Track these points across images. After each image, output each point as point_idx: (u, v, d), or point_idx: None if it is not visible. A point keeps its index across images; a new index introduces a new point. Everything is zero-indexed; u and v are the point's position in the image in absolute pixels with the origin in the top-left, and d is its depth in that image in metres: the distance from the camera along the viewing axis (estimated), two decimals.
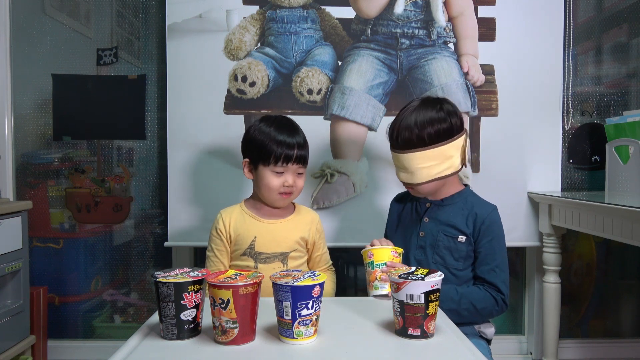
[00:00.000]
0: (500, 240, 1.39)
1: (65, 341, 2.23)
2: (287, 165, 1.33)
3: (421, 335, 0.93)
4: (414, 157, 1.33)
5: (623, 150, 1.92)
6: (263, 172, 1.34)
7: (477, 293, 1.33)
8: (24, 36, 2.15)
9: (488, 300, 1.32)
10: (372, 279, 1.21)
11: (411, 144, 1.33)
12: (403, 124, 1.34)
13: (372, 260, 1.22)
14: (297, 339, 0.91)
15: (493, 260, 1.35)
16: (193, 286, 0.92)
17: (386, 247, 1.24)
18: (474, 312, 1.31)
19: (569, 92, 2.13)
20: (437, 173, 1.34)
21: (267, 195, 1.36)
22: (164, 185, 2.08)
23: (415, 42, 2.00)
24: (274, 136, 1.32)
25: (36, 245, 2.20)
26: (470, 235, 1.37)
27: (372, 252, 1.22)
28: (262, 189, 1.36)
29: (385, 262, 1.21)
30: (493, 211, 1.40)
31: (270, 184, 1.34)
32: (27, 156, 2.19)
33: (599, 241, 2.27)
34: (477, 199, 1.45)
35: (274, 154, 1.32)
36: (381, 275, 1.19)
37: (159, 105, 2.16)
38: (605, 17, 2.21)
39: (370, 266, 1.22)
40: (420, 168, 1.33)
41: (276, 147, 1.32)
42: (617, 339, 2.30)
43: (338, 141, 1.99)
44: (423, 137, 1.32)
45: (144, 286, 2.27)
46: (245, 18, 2.00)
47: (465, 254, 1.38)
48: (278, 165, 1.32)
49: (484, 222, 1.37)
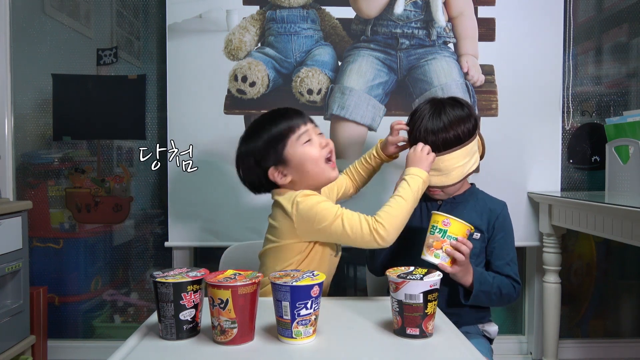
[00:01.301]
0: (511, 234, 1.44)
1: (65, 341, 2.23)
2: (309, 125, 1.23)
3: (420, 335, 0.93)
4: (452, 157, 1.34)
5: (623, 150, 1.91)
6: (297, 152, 1.20)
7: (503, 280, 1.37)
8: (24, 36, 2.16)
9: (510, 288, 1.37)
10: (436, 246, 1.20)
11: (449, 144, 1.34)
12: (434, 127, 1.34)
13: (446, 229, 1.20)
14: (296, 339, 0.91)
15: (507, 254, 1.40)
16: (192, 286, 0.92)
17: (464, 223, 1.21)
18: (499, 297, 1.35)
19: (569, 92, 2.12)
20: (467, 170, 1.37)
21: (317, 169, 1.22)
22: (164, 185, 2.08)
23: (415, 42, 2.00)
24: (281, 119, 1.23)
25: (36, 245, 2.20)
26: (485, 231, 1.40)
27: (451, 222, 1.20)
28: (309, 167, 1.21)
29: (457, 236, 1.20)
30: (505, 207, 1.46)
31: (313, 154, 1.20)
32: (27, 156, 2.20)
33: (599, 241, 2.27)
34: (486, 195, 1.49)
35: (291, 128, 1.21)
36: (446, 248, 1.19)
37: (159, 105, 2.16)
38: (605, 17, 2.21)
39: (441, 233, 1.20)
40: (456, 167, 1.34)
41: (286, 122, 1.22)
42: (617, 339, 2.30)
43: (338, 141, 1.99)
44: (459, 135, 1.34)
45: (144, 286, 2.28)
46: (245, 18, 2.00)
47: (479, 251, 1.40)
48: (303, 126, 1.22)
49: (498, 217, 1.42)
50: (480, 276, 1.31)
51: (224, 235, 2.01)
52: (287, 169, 1.22)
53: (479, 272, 1.32)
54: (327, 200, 1.18)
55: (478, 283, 1.30)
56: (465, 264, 1.24)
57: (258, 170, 1.24)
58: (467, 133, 1.35)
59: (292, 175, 1.22)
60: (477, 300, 1.33)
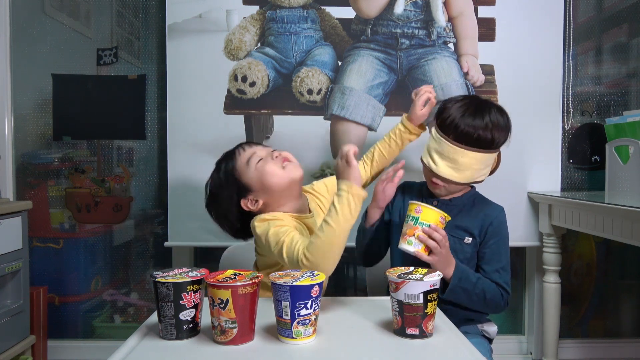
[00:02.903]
0: (506, 241, 1.39)
1: (65, 341, 2.23)
2: (254, 147, 1.30)
3: (420, 335, 0.93)
4: (474, 157, 1.30)
5: (623, 150, 1.92)
6: (252, 174, 1.25)
7: (490, 284, 1.33)
8: (24, 36, 2.16)
9: (496, 294, 1.33)
10: (409, 233, 1.19)
11: (481, 143, 1.29)
12: (474, 121, 1.29)
13: (418, 216, 1.19)
14: (296, 339, 0.91)
15: (499, 261, 1.35)
16: (192, 286, 0.92)
17: (436, 210, 1.20)
18: (482, 300, 1.31)
19: (569, 92, 2.13)
20: (477, 177, 1.34)
21: (277, 179, 1.24)
22: (164, 185, 2.08)
23: (415, 42, 2.00)
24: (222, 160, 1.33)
25: (36, 245, 2.20)
26: (477, 237, 1.36)
27: (422, 209, 1.19)
28: (269, 180, 1.24)
29: (430, 223, 1.18)
30: (501, 212, 1.41)
31: (266, 167, 1.24)
32: (27, 156, 2.20)
33: (599, 241, 2.27)
34: (484, 200, 1.45)
35: (232, 154, 1.30)
36: (419, 235, 1.18)
37: (159, 105, 2.16)
38: (605, 17, 2.21)
39: (413, 221, 1.19)
40: (471, 168, 1.31)
41: (233, 150, 1.32)
42: (617, 339, 2.30)
43: (338, 141, 1.99)
44: (493, 139, 1.31)
45: (144, 286, 2.28)
46: (245, 18, 2.00)
47: (470, 255, 1.37)
48: (243, 151, 1.29)
49: (492, 222, 1.37)
50: (462, 272, 1.27)
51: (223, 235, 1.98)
52: (253, 193, 1.26)
53: (462, 268, 1.28)
54: (278, 225, 1.17)
55: (457, 278, 1.25)
56: (444, 254, 1.20)
57: (232, 212, 1.29)
58: (499, 143, 1.33)
59: (262, 198, 1.26)
60: (455, 295, 1.27)
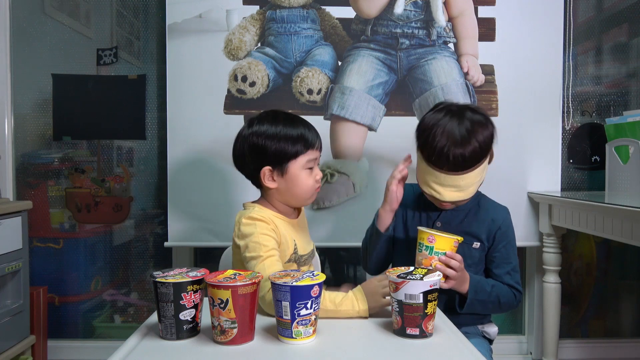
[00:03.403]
0: (514, 243, 1.40)
1: (65, 341, 2.23)
2: (318, 153, 1.25)
3: (420, 335, 0.93)
4: (474, 174, 1.25)
5: (623, 150, 1.91)
6: (296, 174, 1.21)
7: (503, 288, 1.34)
8: (24, 36, 2.16)
9: (510, 296, 1.34)
10: (426, 263, 1.18)
11: (475, 161, 1.24)
12: (462, 146, 1.22)
13: (432, 245, 1.17)
14: (296, 339, 0.91)
15: (509, 263, 1.36)
16: (192, 286, 0.92)
17: (450, 237, 1.18)
18: (497, 305, 1.33)
19: (569, 92, 2.13)
20: (480, 180, 1.30)
21: (303, 195, 1.24)
22: (164, 185, 2.08)
23: (415, 42, 2.00)
24: (293, 129, 1.21)
25: (36, 245, 2.20)
26: (485, 241, 1.36)
27: (435, 238, 1.17)
28: (296, 191, 1.23)
29: (445, 251, 1.17)
30: (507, 214, 1.40)
31: (308, 184, 1.22)
32: (27, 156, 2.20)
33: (599, 241, 2.27)
34: (489, 202, 1.43)
35: (307, 142, 1.21)
36: (436, 265, 1.17)
37: (159, 105, 2.16)
38: (605, 17, 2.21)
39: (428, 250, 1.18)
40: (475, 183, 1.28)
41: (306, 132, 1.22)
42: (617, 339, 2.30)
43: (338, 141, 1.99)
44: (483, 150, 1.25)
45: (144, 286, 2.28)
46: (245, 18, 2.00)
47: (478, 260, 1.36)
48: (312, 151, 1.22)
49: (501, 227, 1.36)
50: (477, 285, 1.27)
51: (223, 235, 2.00)
52: (280, 177, 1.22)
53: (476, 280, 1.28)
54: (262, 235, 1.16)
55: (473, 292, 1.26)
56: (460, 276, 1.20)
57: (254, 159, 1.23)
58: (489, 147, 1.28)
59: (280, 185, 1.23)
60: (472, 308, 1.29)
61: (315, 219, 1.99)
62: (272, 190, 1.24)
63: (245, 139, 1.24)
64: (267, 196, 1.27)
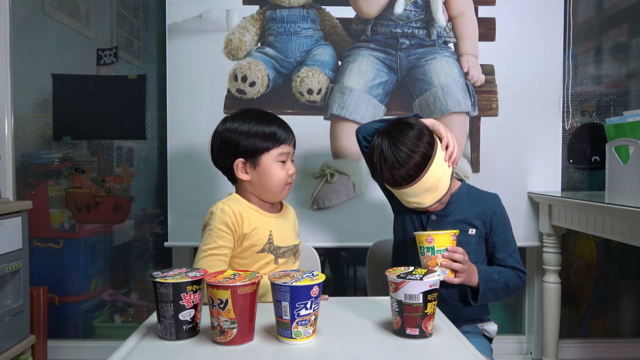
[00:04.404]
0: (509, 226, 1.44)
1: (65, 341, 2.23)
2: (291, 148, 1.30)
3: (420, 335, 0.93)
4: (430, 174, 1.28)
5: (623, 150, 1.91)
6: (268, 166, 1.27)
7: (508, 273, 1.38)
8: (24, 36, 2.16)
9: (516, 279, 1.38)
10: (431, 264, 1.20)
11: (422, 165, 1.27)
12: (398, 167, 1.27)
13: (432, 245, 1.20)
14: (296, 339, 0.90)
15: (509, 245, 1.41)
16: (191, 286, 0.92)
17: (446, 233, 1.21)
18: (506, 290, 1.36)
19: (569, 92, 2.13)
20: (448, 174, 1.32)
21: (274, 188, 1.29)
22: (164, 185, 2.08)
23: (415, 42, 2.00)
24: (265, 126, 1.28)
25: (36, 245, 2.20)
26: (481, 227, 1.40)
27: (433, 237, 1.20)
28: (268, 183, 1.28)
29: (446, 247, 1.20)
30: (498, 200, 1.45)
31: (279, 176, 1.27)
32: (27, 156, 2.20)
33: (599, 241, 2.27)
34: (478, 191, 1.47)
35: (279, 138, 1.27)
36: (442, 262, 1.20)
37: (159, 105, 2.16)
38: (605, 17, 2.21)
39: (430, 251, 1.20)
40: (440, 178, 1.30)
41: (278, 130, 1.28)
42: (617, 339, 2.30)
43: (338, 141, 1.99)
44: (424, 152, 1.27)
45: (144, 286, 2.28)
46: (245, 18, 2.00)
47: (476, 247, 1.39)
48: (285, 145, 1.27)
49: (495, 213, 1.41)
50: (485, 274, 1.31)
51: None
52: (252, 170, 1.28)
53: (484, 270, 1.32)
54: (217, 230, 1.24)
55: (484, 282, 1.30)
56: (467, 269, 1.24)
57: (228, 154, 1.29)
58: (429, 146, 1.29)
59: (252, 177, 1.28)
60: (486, 299, 1.33)
61: (315, 219, 1.99)
62: (245, 183, 1.30)
63: (219, 134, 1.31)
64: (240, 190, 1.32)
